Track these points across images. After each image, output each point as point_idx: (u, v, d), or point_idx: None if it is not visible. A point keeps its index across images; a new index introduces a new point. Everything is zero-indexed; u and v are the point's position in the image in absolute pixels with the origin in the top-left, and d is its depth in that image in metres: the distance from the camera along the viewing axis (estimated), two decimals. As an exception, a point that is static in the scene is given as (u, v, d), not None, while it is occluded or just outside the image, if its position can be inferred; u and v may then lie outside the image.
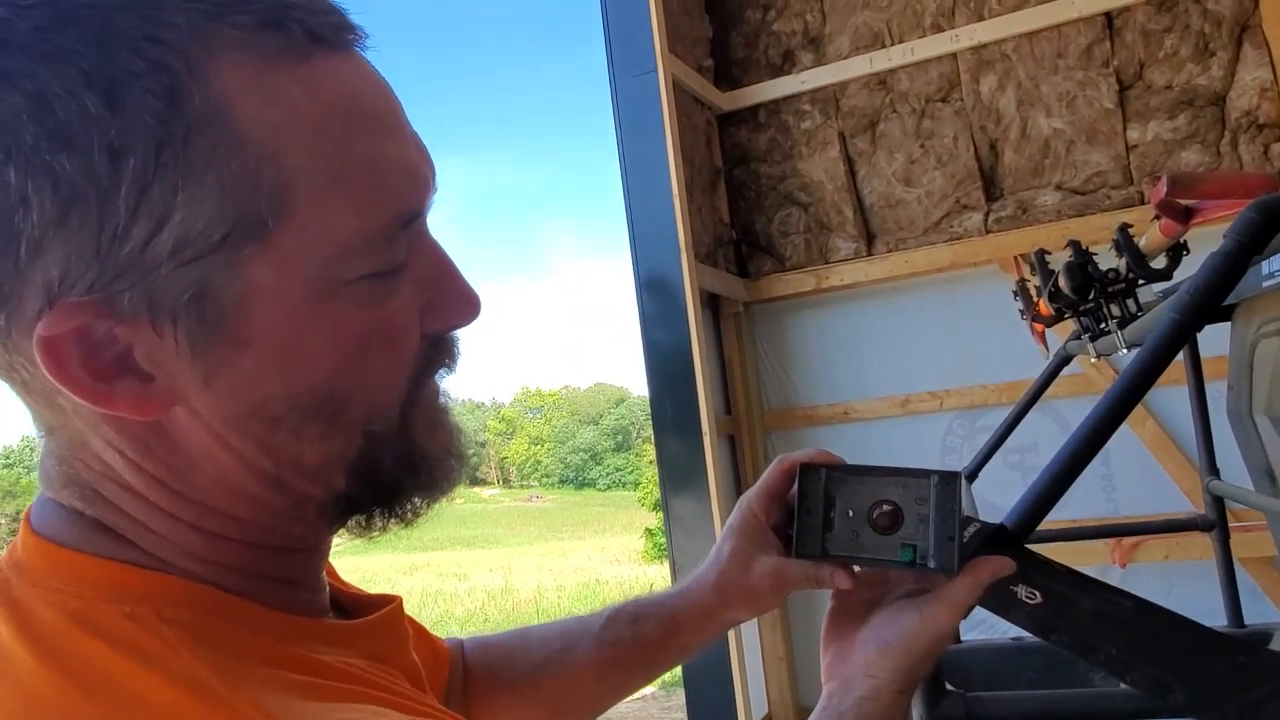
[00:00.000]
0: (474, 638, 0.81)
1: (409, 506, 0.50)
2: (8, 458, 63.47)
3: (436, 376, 0.51)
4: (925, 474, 0.69)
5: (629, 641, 0.78)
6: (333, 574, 0.62)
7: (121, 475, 0.45)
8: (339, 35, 0.43)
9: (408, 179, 0.45)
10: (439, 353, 0.50)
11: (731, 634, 2.80)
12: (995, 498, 2.43)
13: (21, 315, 0.40)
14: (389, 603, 0.58)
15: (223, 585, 0.46)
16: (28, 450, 64.15)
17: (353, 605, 0.58)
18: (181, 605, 0.43)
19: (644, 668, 0.79)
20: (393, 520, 0.50)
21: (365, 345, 0.44)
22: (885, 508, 0.69)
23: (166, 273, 0.40)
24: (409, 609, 0.61)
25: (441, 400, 0.52)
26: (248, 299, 0.42)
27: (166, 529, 0.46)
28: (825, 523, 0.71)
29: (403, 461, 0.48)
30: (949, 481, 0.69)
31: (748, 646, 3.11)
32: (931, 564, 0.67)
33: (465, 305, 0.49)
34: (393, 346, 0.46)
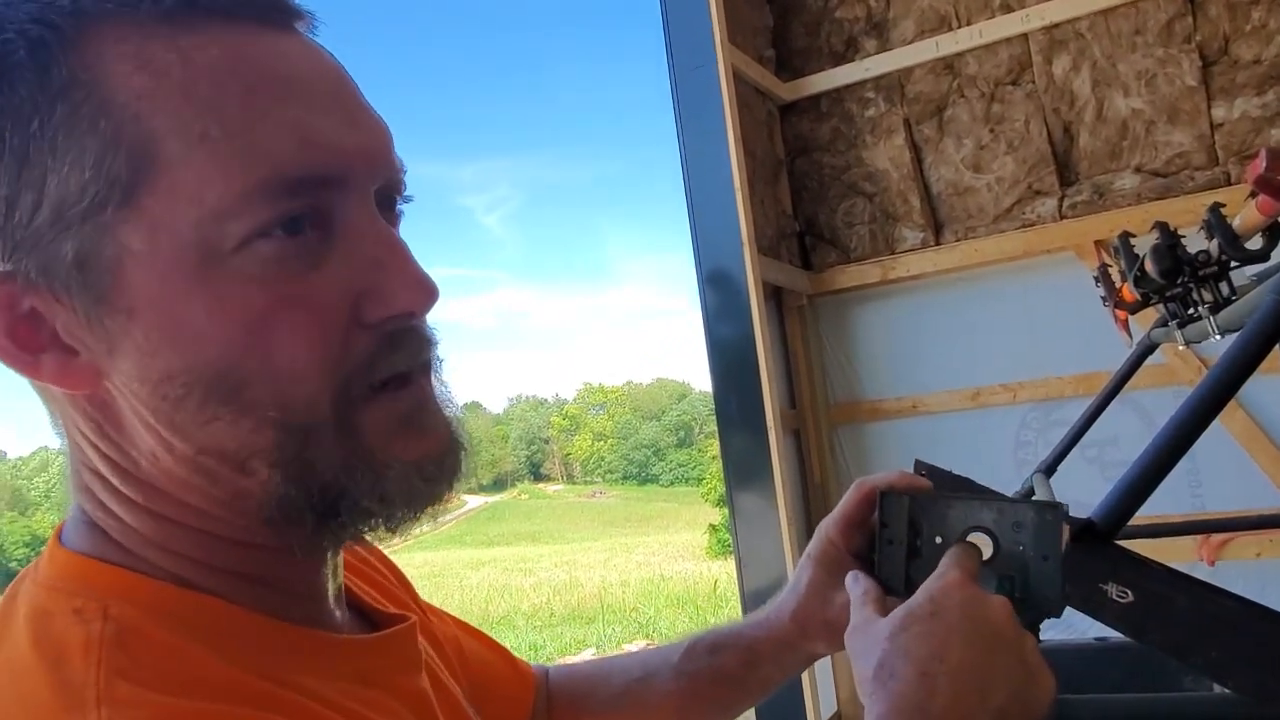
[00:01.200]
0: (559, 666, 0.81)
1: (361, 519, 0.46)
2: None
3: (416, 377, 0.47)
4: (1023, 502, 0.64)
5: (707, 673, 0.76)
6: (373, 581, 0.62)
7: (90, 458, 0.47)
8: (239, 7, 0.43)
9: (296, 141, 0.42)
10: (390, 347, 0.45)
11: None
12: (1073, 493, 2.35)
13: None
14: (402, 623, 0.56)
15: (186, 579, 0.45)
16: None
17: (381, 620, 0.57)
18: (131, 603, 0.43)
19: (723, 700, 0.77)
20: (339, 531, 0.46)
21: (265, 321, 0.42)
22: (979, 535, 0.64)
23: (50, 239, 0.41)
24: (477, 604, 0.60)
25: (420, 406, 0.47)
26: (123, 265, 0.42)
27: (126, 514, 0.46)
28: (911, 551, 0.66)
29: (346, 465, 0.45)
30: (1052, 512, 0.63)
31: (815, 644, 3.07)
32: (1031, 601, 0.63)
33: (410, 291, 0.45)
34: (304, 326, 0.43)
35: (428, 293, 0.45)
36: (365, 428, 0.45)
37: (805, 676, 2.85)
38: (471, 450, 0.50)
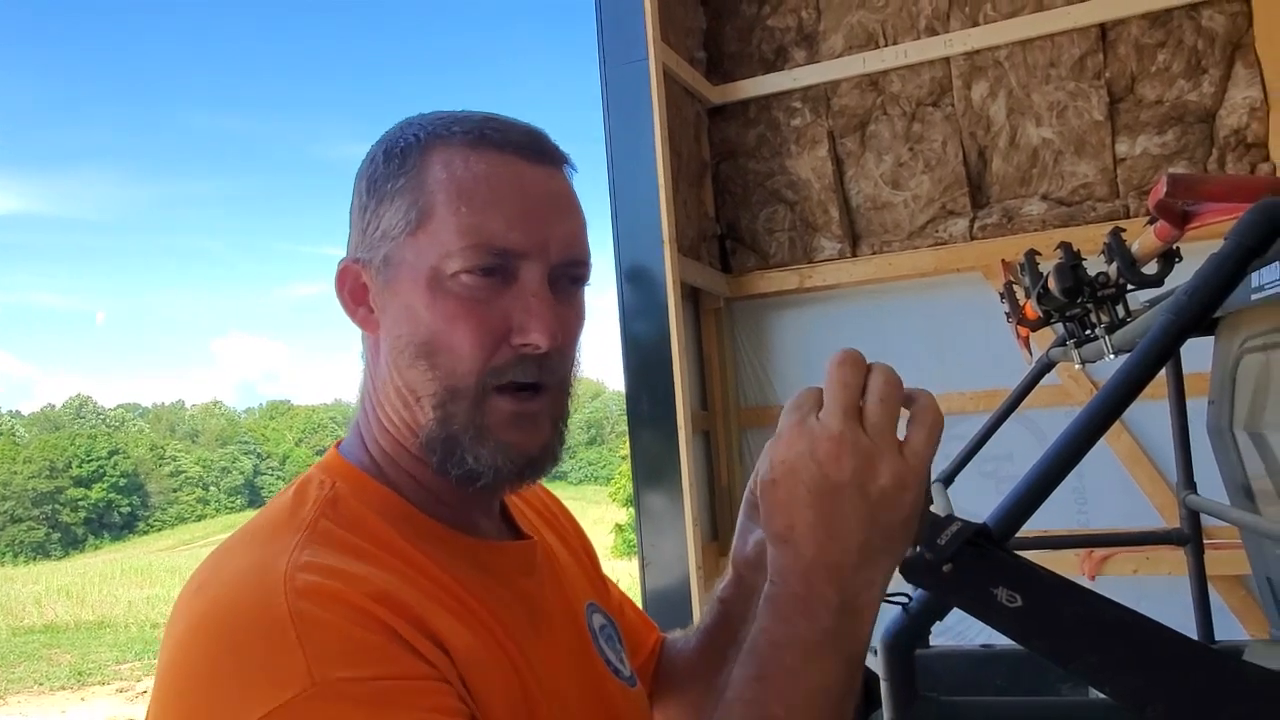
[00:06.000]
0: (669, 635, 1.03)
1: (462, 465, 0.70)
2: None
3: (543, 394, 0.71)
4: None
5: (707, 625, 0.93)
6: (546, 519, 0.89)
7: (366, 383, 0.76)
8: (511, 143, 0.71)
9: (504, 227, 0.68)
10: (520, 362, 0.69)
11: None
12: (969, 503, 2.41)
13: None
14: (526, 540, 0.81)
15: (386, 475, 0.73)
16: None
17: (524, 539, 0.82)
18: (348, 482, 0.71)
19: (721, 642, 0.90)
20: (453, 469, 0.70)
21: (455, 320, 0.68)
22: None
23: (378, 245, 0.72)
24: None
25: (533, 414, 0.71)
26: (401, 267, 0.70)
27: (371, 422, 0.75)
28: None
29: (465, 425, 0.69)
30: None
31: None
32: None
33: (541, 333, 0.69)
34: (473, 328, 0.68)
35: (552, 337, 0.69)
36: (489, 408, 0.69)
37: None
38: (558, 460, 0.74)
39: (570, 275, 0.73)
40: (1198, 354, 1.56)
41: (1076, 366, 1.65)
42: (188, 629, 0.60)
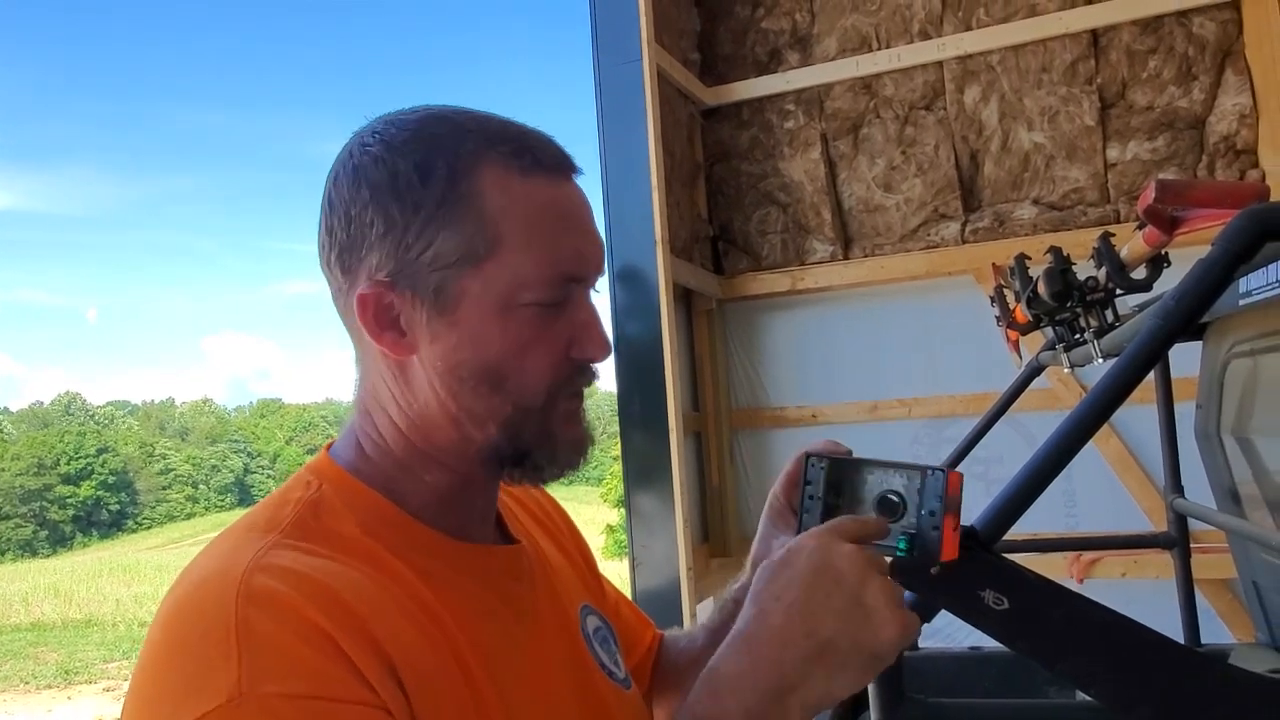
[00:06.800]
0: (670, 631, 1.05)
1: (534, 469, 0.73)
2: (-42, 422, 61.93)
3: (580, 394, 0.74)
4: (927, 469, 0.70)
5: (716, 627, 0.94)
6: (539, 522, 0.90)
7: (381, 396, 0.74)
8: (556, 164, 0.72)
9: (573, 256, 0.71)
10: (580, 374, 0.73)
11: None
12: (958, 507, 2.41)
13: (355, 286, 0.71)
14: (515, 544, 0.82)
15: (380, 483, 0.72)
16: None
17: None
18: (334, 486, 0.72)
19: None
20: (522, 473, 0.73)
21: (525, 346, 0.70)
22: (891, 498, 0.71)
23: (425, 272, 0.69)
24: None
25: (583, 414, 0.75)
26: (463, 298, 0.69)
27: (389, 435, 0.73)
28: (827, 509, 0.74)
29: (539, 435, 0.72)
30: (934, 473, 0.69)
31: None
32: (916, 553, 0.67)
33: (598, 347, 0.73)
34: (542, 353, 0.70)
35: (607, 350, 0.74)
36: (555, 416, 0.72)
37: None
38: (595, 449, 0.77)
39: (594, 284, 0.77)
40: (1186, 359, 1.58)
41: (1066, 370, 1.66)
42: (154, 626, 0.62)
